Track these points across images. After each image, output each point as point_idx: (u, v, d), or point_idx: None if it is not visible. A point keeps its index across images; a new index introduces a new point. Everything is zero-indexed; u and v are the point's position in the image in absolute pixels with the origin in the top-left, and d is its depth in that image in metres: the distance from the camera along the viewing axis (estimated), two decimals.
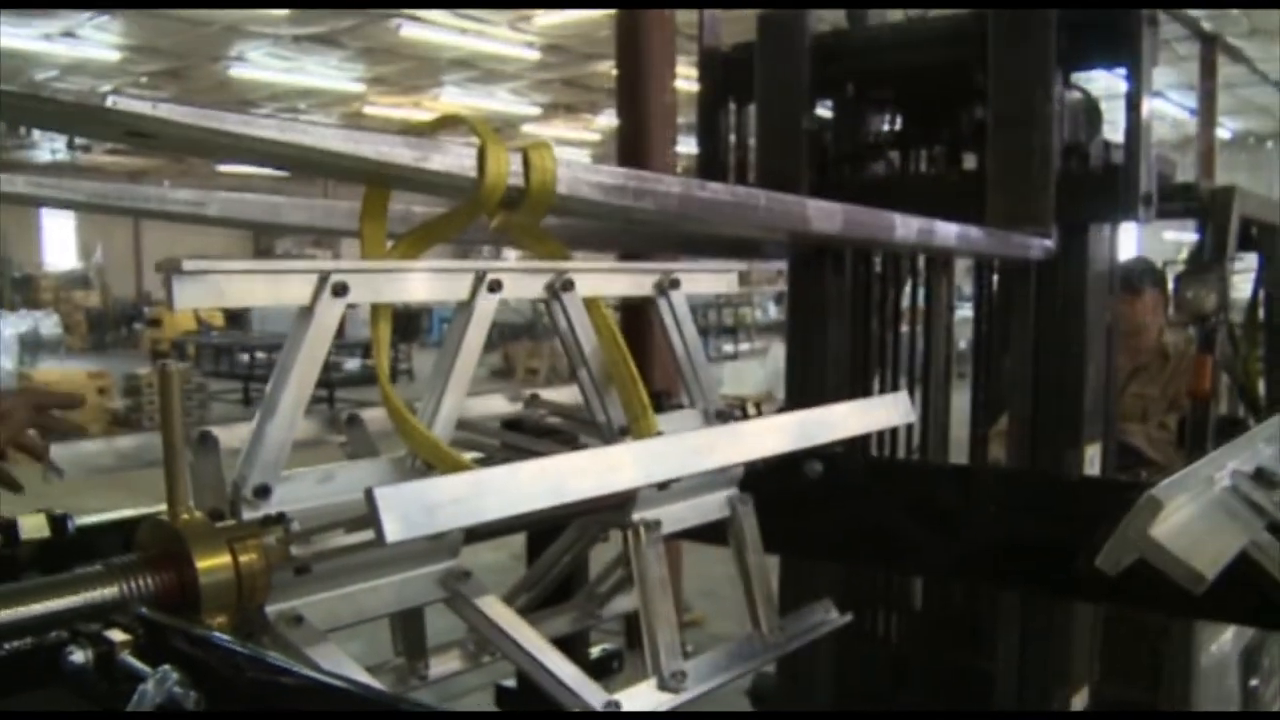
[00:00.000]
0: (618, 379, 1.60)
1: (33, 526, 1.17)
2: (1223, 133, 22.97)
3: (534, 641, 1.36)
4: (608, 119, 23.49)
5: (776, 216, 1.76)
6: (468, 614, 1.38)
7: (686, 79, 7.90)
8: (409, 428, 1.37)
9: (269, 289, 1.25)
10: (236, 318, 22.38)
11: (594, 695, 1.36)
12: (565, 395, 1.97)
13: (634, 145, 6.67)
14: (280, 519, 1.23)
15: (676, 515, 1.62)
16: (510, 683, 2.56)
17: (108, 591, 1.11)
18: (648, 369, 1.62)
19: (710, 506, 1.69)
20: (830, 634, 1.80)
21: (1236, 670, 3.66)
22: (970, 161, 3.14)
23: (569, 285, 1.54)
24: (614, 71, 6.91)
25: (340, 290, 1.28)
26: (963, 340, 4.09)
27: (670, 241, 2.83)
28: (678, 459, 1.35)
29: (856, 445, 3.14)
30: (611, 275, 1.67)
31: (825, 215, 1.85)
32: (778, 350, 17.35)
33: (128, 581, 1.12)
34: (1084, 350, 2.86)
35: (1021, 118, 2.74)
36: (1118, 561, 1.15)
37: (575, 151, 26.69)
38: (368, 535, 1.20)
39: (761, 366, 16.46)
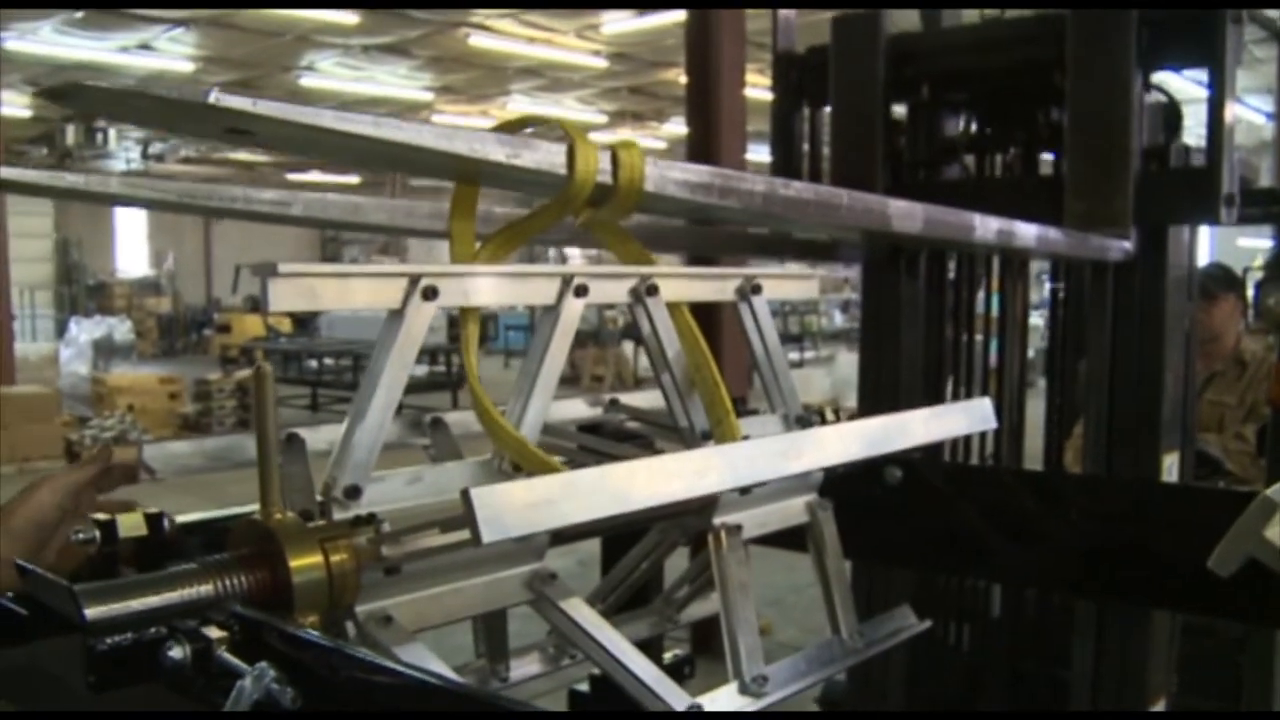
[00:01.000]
0: (701, 383, 1.60)
1: (130, 525, 1.19)
2: None
3: (618, 644, 1.36)
4: (674, 126, 23.50)
5: (858, 215, 1.75)
6: (552, 616, 1.38)
7: (754, 86, 7.91)
8: (498, 429, 1.38)
9: (361, 291, 1.26)
10: (304, 324, 22.66)
11: (677, 698, 1.35)
12: (643, 400, 1.98)
13: (704, 151, 6.67)
14: (371, 519, 1.24)
15: (758, 520, 1.62)
16: (583, 686, 2.57)
17: (203, 589, 1.12)
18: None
19: (791, 511, 1.69)
20: (905, 643, 1.80)
21: None
22: (1046, 165, 3.11)
23: (653, 290, 1.55)
24: (681, 79, 6.94)
25: (430, 294, 1.29)
26: (1031, 349, 4.05)
27: (744, 245, 2.83)
28: (765, 463, 1.35)
29: (932, 451, 3.13)
30: (695, 280, 1.67)
31: (906, 215, 1.84)
32: (844, 358, 17.27)
33: (222, 579, 1.14)
34: (1162, 356, 2.82)
35: (1100, 118, 2.71)
36: (1228, 564, 1.13)
37: None
38: (457, 536, 1.22)
39: (828, 375, 16.38)
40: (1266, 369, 4.09)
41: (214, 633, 1.03)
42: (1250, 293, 4.52)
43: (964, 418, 1.77)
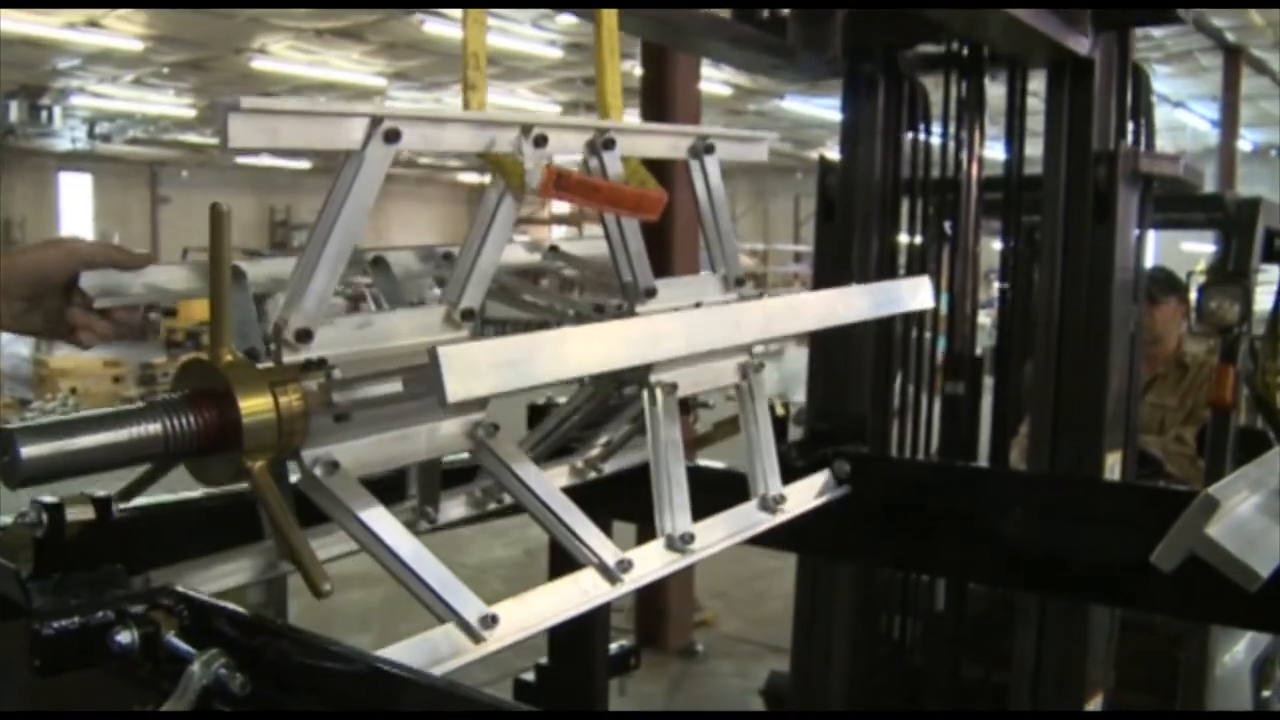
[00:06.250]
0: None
1: (77, 508, 1.17)
2: (1243, 144, 22.89)
3: (556, 497, 1.39)
4: (628, 118, 23.42)
5: None
6: (493, 466, 1.39)
7: (709, 80, 7.89)
8: None
9: (322, 131, 1.24)
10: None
11: (609, 553, 1.40)
12: (581, 248, 1.99)
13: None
14: (322, 364, 1.24)
15: (693, 379, 1.64)
16: (529, 676, 2.58)
17: (152, 428, 1.11)
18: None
19: (724, 371, 1.72)
20: (847, 637, 1.82)
21: (1249, 681, 3.66)
22: None
23: (610, 144, 1.56)
24: (636, 71, 6.92)
25: (392, 136, 1.28)
26: (979, 348, 4.09)
27: None
28: (719, 331, 1.41)
29: (879, 447, 3.16)
30: (650, 136, 1.70)
31: None
32: (792, 353, 17.33)
33: (171, 419, 1.13)
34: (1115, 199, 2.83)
35: None
36: (1171, 559, 1.16)
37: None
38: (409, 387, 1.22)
39: (776, 369, 16.40)
40: (1207, 372, 4.15)
41: (163, 618, 1.03)
42: (1193, 297, 4.58)
43: (905, 295, 1.84)
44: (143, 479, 1.31)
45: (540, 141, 1.45)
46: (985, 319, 5.36)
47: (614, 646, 2.64)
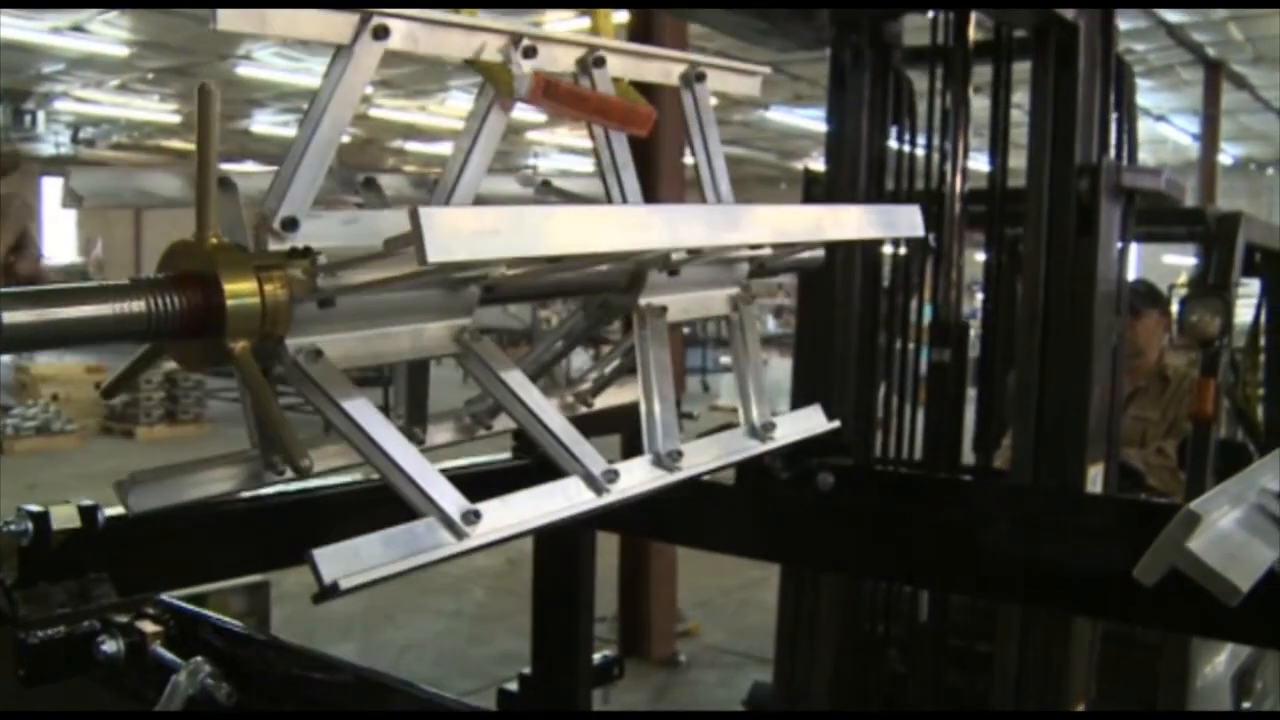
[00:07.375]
0: None
1: (63, 517, 1.17)
2: (1224, 158, 23.02)
3: (539, 403, 1.38)
4: None
5: None
6: (478, 371, 1.38)
7: None
8: None
9: (311, 24, 1.25)
10: None
11: (593, 461, 1.39)
12: (577, 185, 1.97)
13: (643, 155, 6.66)
14: (307, 252, 1.23)
15: (682, 305, 1.65)
16: (512, 686, 2.58)
17: (135, 305, 1.11)
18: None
19: (714, 302, 1.73)
20: (830, 647, 1.82)
21: (1230, 692, 3.67)
22: None
23: (600, 62, 1.56)
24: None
25: (381, 33, 1.29)
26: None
27: None
28: (705, 231, 1.38)
29: (863, 458, 3.17)
30: (641, 59, 1.68)
31: None
32: (776, 363, 17.34)
33: (155, 298, 1.12)
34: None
35: None
36: (1153, 573, 1.17)
37: (580, 159, 26.71)
38: (393, 270, 1.22)
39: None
40: (1189, 385, 4.18)
41: (148, 627, 1.03)
42: (1174, 310, 4.61)
43: (895, 220, 1.84)
44: (129, 371, 1.30)
45: (530, 53, 1.44)
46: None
47: (597, 656, 2.64)
